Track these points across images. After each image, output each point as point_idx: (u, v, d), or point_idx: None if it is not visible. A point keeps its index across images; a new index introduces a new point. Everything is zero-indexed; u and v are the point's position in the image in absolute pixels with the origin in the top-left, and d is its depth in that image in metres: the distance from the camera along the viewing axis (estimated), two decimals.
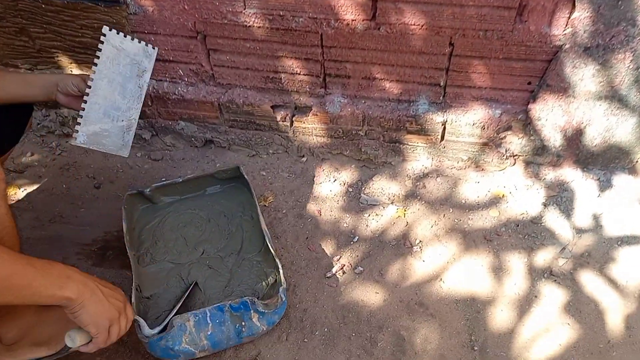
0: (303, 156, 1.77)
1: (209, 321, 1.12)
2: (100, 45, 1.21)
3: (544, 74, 1.42)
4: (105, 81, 1.21)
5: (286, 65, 1.57)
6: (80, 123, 1.17)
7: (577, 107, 1.44)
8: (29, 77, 1.23)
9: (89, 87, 1.18)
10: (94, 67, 1.20)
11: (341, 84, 1.60)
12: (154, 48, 1.31)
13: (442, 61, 1.46)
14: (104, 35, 1.22)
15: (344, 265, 1.40)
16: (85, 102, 1.18)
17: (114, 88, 1.21)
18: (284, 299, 1.16)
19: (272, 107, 1.67)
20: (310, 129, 1.70)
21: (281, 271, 1.21)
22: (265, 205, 1.59)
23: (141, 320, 1.05)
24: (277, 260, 1.24)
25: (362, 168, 1.71)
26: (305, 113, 1.67)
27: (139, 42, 1.29)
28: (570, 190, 1.55)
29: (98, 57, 1.20)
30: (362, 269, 1.39)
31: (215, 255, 1.39)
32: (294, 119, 1.68)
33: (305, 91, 1.63)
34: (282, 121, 1.69)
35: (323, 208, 1.58)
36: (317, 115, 1.65)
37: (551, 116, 1.48)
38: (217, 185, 1.57)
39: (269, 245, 1.29)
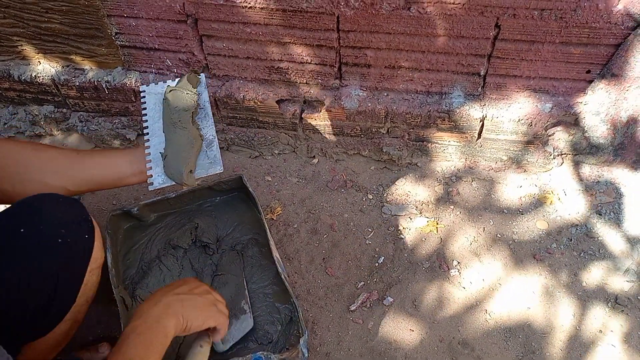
0: (314, 157, 1.53)
1: None
2: (142, 99, 1.11)
3: (608, 61, 1.18)
4: (159, 122, 1.06)
5: (294, 53, 1.31)
6: (151, 167, 0.98)
7: None
8: (113, 154, 1.02)
9: (146, 133, 1.04)
10: (144, 117, 1.07)
11: (360, 74, 1.35)
12: (197, 72, 1.15)
13: (484, 46, 1.21)
14: (142, 91, 1.12)
15: (370, 294, 1.19)
16: (148, 147, 1.01)
17: None
18: (305, 355, 0.95)
19: (277, 102, 1.42)
20: (323, 126, 1.46)
21: (300, 314, 1.00)
22: (272, 219, 1.37)
23: None
24: (294, 299, 1.02)
25: (383, 170, 1.48)
26: (317, 108, 1.42)
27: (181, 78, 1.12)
28: (629, 196, 1.33)
29: (145, 108, 1.09)
30: (391, 299, 1.18)
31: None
32: (303, 115, 1.44)
33: (317, 83, 1.38)
34: (290, 118, 1.44)
35: (340, 221, 1.36)
36: (330, 111, 1.40)
37: (612, 110, 1.24)
38: (216, 197, 1.33)
39: (283, 278, 1.07)
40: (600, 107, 1.25)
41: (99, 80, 1.43)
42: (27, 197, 0.84)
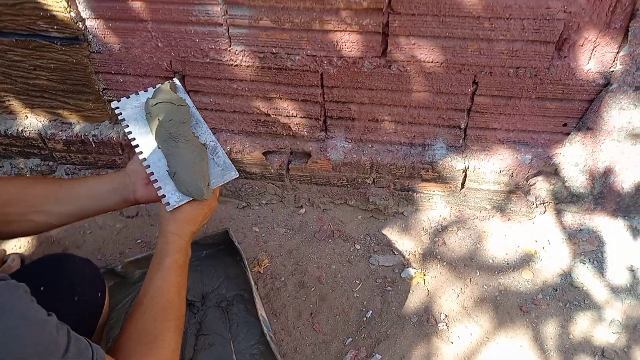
0: (301, 207, 1.54)
1: None
2: (119, 116, 1.04)
3: (583, 115, 1.22)
4: (148, 136, 1.01)
5: (280, 108, 1.34)
6: (160, 187, 0.94)
7: (622, 152, 1.24)
8: (96, 184, 0.99)
9: (140, 152, 0.99)
10: (129, 135, 1.01)
11: (344, 126, 1.38)
12: (172, 80, 1.10)
13: (463, 101, 1.25)
14: (117, 108, 1.05)
15: (358, 351, 1.17)
16: (149, 166, 0.97)
17: None
18: None
19: (264, 153, 1.43)
20: (309, 177, 1.47)
21: None
22: (259, 272, 1.36)
23: None
24: None
25: (370, 219, 1.49)
26: (303, 160, 1.44)
27: (154, 87, 1.07)
28: (610, 244, 1.34)
29: (127, 126, 1.03)
30: (379, 356, 1.16)
31: (199, 347, 1.15)
32: (290, 166, 1.45)
33: (303, 135, 1.41)
34: (276, 169, 1.46)
35: (327, 272, 1.35)
36: (316, 162, 1.42)
37: (590, 161, 1.28)
38: (202, 251, 1.33)
39: (268, 339, 1.06)
40: (578, 158, 1.28)
41: (86, 134, 1.44)
42: (46, 255, 0.88)
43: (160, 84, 1.07)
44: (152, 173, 0.96)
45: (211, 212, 1.01)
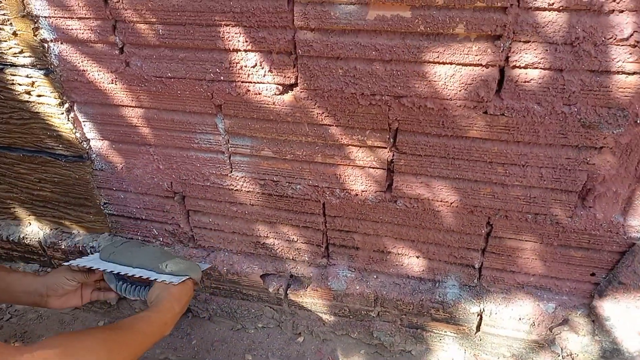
0: (299, 334, 1.42)
1: None
2: (77, 267, 1.15)
3: (614, 267, 1.08)
4: (120, 267, 1.16)
5: (280, 232, 1.27)
6: (156, 279, 1.12)
7: None
8: (10, 278, 1.09)
9: (118, 273, 1.14)
10: (99, 269, 1.14)
11: (348, 255, 1.28)
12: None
13: (476, 241, 1.14)
14: (69, 264, 1.14)
15: None
16: (141, 277, 1.12)
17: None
18: None
19: (262, 276, 1.35)
20: (309, 304, 1.36)
21: None
22: None
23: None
24: None
25: (373, 355, 1.35)
26: (303, 284, 1.34)
27: (98, 252, 1.28)
28: None
29: (91, 267, 1.14)
30: None
31: None
32: (288, 291, 1.35)
33: (304, 260, 1.32)
34: (274, 293, 1.36)
35: None
36: (317, 290, 1.31)
37: (625, 317, 1.12)
38: None
39: None
40: (609, 312, 1.13)
41: (85, 245, 1.40)
42: None
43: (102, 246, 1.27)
44: (140, 277, 1.11)
45: (192, 295, 1.15)
